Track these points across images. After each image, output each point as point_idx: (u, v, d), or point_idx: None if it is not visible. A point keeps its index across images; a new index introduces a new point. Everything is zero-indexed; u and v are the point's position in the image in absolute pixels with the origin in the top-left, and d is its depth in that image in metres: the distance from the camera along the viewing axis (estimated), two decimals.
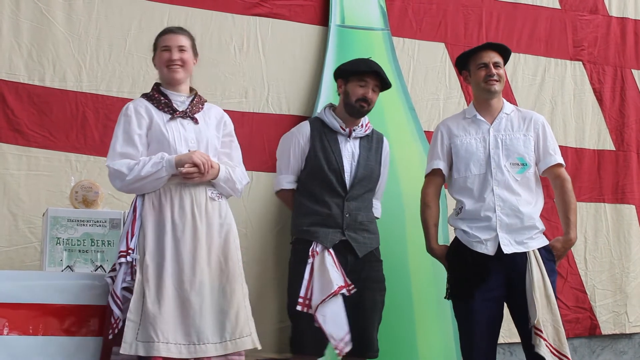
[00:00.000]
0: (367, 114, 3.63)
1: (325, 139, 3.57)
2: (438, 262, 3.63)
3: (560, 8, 5.03)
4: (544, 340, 3.25)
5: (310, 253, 3.37)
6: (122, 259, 2.95)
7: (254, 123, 4.15)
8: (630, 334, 5.02)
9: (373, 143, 3.67)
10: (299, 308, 3.28)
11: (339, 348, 3.21)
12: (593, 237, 4.90)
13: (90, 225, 3.33)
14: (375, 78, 3.57)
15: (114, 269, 3.00)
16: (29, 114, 3.76)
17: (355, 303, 3.39)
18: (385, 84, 3.63)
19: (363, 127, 3.64)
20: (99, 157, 3.73)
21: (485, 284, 3.36)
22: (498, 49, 3.61)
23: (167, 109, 3.13)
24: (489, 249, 3.39)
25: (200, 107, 3.22)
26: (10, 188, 3.69)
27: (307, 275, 3.32)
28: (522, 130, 3.55)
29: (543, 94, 4.91)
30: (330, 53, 4.29)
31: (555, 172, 3.57)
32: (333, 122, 3.60)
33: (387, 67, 4.16)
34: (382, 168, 3.69)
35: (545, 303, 3.30)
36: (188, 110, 3.16)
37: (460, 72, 3.73)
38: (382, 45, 4.42)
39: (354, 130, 3.61)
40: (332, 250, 3.38)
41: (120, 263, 2.96)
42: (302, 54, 4.33)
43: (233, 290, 3.02)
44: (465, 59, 3.64)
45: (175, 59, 3.15)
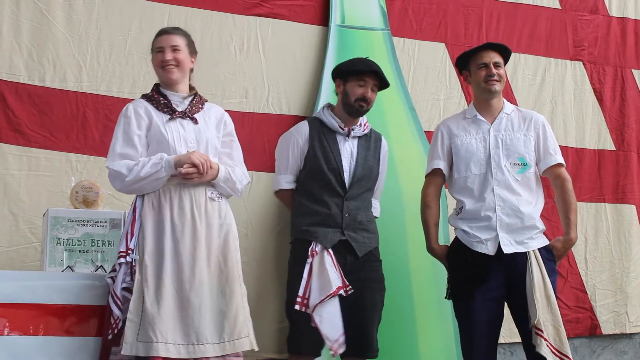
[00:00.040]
0: (365, 114, 3.63)
1: (324, 139, 3.57)
2: (438, 262, 3.63)
3: (561, 8, 5.03)
4: (545, 340, 3.24)
5: (310, 253, 3.37)
6: (121, 260, 2.95)
7: (254, 123, 4.15)
8: (631, 334, 5.01)
9: (371, 142, 3.67)
10: (298, 307, 3.28)
11: (334, 349, 3.22)
12: (593, 237, 4.90)
13: (91, 226, 3.33)
14: (374, 77, 3.57)
15: (115, 270, 3.01)
16: (30, 114, 3.76)
17: (355, 303, 3.39)
18: (384, 83, 3.64)
19: (361, 126, 3.63)
20: (99, 157, 3.73)
21: (486, 284, 3.36)
22: (498, 49, 3.61)
23: (166, 110, 3.13)
24: (489, 249, 3.39)
25: (200, 107, 3.21)
26: (11, 188, 3.69)
27: (306, 275, 3.32)
28: (522, 130, 3.55)
29: (543, 94, 4.90)
30: (331, 53, 4.28)
31: (556, 172, 3.57)
32: (332, 121, 3.60)
33: (387, 67, 4.16)
34: (380, 167, 3.69)
35: (546, 303, 3.30)
36: (187, 111, 3.15)
37: (461, 72, 3.73)
38: (382, 46, 4.42)
39: (353, 130, 3.61)
40: (331, 251, 3.38)
41: (120, 263, 2.96)
42: (302, 54, 4.33)
43: (232, 291, 3.02)
44: (466, 59, 3.64)
45: (169, 59, 3.13)
